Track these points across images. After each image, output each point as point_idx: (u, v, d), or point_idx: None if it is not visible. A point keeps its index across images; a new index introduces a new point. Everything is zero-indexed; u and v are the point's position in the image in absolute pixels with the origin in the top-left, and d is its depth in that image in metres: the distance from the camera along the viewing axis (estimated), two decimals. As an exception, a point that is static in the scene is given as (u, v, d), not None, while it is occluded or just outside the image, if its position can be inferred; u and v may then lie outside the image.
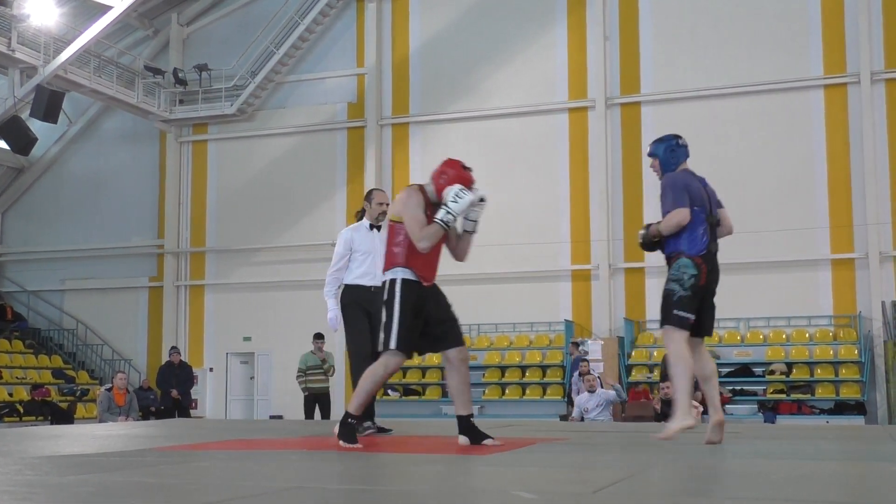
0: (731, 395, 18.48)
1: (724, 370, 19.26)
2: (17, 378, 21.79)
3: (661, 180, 5.99)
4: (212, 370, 23.56)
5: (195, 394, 19.18)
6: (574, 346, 18.40)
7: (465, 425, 5.83)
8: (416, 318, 5.64)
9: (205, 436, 7.17)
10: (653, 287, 20.12)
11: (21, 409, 20.22)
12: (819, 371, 18.83)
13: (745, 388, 19.02)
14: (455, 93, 22.18)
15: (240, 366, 23.73)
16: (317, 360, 15.12)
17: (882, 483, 3.96)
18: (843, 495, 3.63)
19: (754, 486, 3.79)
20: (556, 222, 20.97)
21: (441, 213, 5.57)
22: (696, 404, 13.74)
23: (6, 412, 19.87)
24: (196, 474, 4.25)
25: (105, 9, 20.61)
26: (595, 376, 14.69)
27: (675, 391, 5.84)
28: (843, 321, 19.24)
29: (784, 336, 19.41)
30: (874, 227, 18.79)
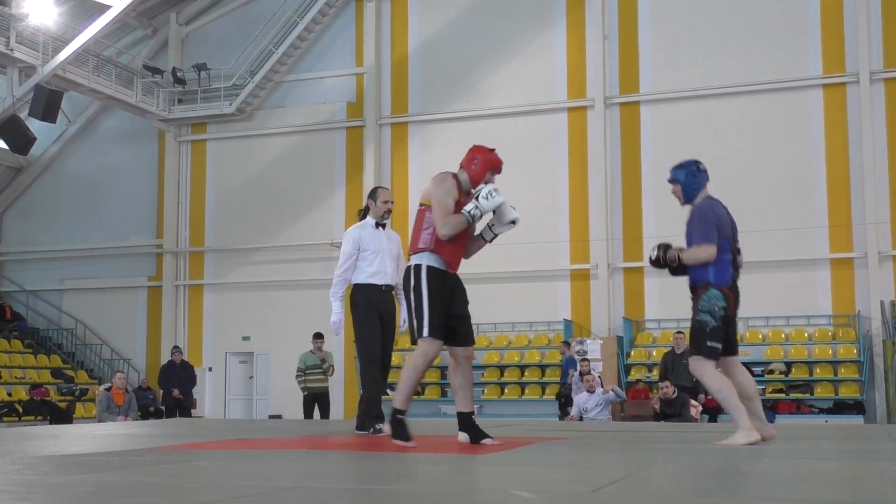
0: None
1: (723, 369, 19.26)
2: (15, 378, 21.78)
3: (693, 207, 6.02)
4: (211, 370, 23.56)
5: (195, 393, 19.17)
6: (566, 346, 18.40)
7: (465, 422, 5.84)
8: (444, 304, 5.63)
9: (204, 435, 7.17)
10: (651, 287, 20.14)
11: (20, 409, 20.21)
12: (818, 370, 18.84)
13: (743, 387, 18.97)
14: (454, 92, 22.18)
15: (239, 365, 23.73)
16: (316, 359, 15.10)
17: (881, 482, 3.96)
18: (842, 494, 3.63)
19: (753, 485, 3.79)
20: (554, 222, 20.97)
21: (469, 206, 5.62)
22: (696, 404, 13.77)
23: (5, 412, 19.86)
24: (195, 474, 4.25)
25: (104, 8, 20.60)
26: (594, 376, 14.69)
27: (730, 412, 5.91)
28: (842, 321, 19.24)
29: (783, 335, 19.41)
30: (873, 227, 18.79)
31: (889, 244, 18.93)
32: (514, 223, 5.82)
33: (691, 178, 6.06)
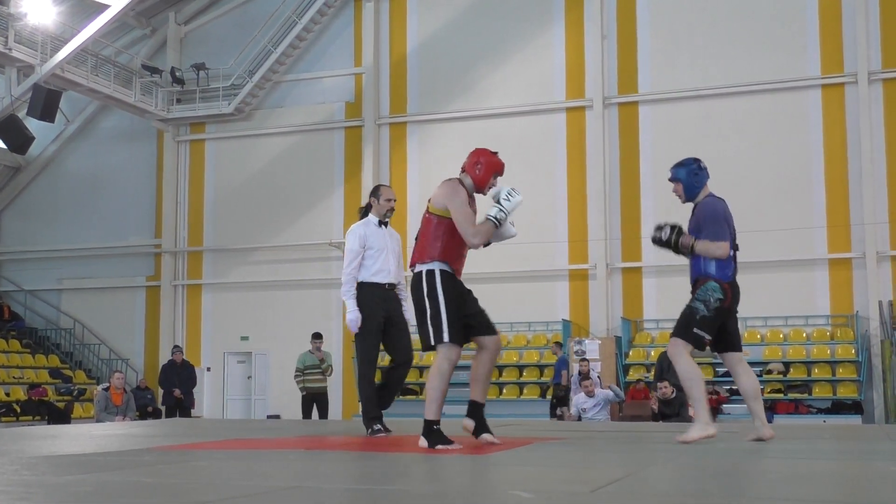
0: (728, 394, 18.49)
1: (722, 369, 19.27)
2: (13, 378, 21.77)
3: (699, 204, 6.04)
4: (209, 370, 23.55)
5: (195, 393, 19.15)
6: (558, 347, 18.40)
7: (475, 412, 5.90)
8: (459, 307, 5.65)
9: (202, 435, 7.16)
10: (650, 287, 20.14)
11: (18, 409, 20.20)
12: (816, 370, 18.85)
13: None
14: (453, 92, 22.18)
15: (237, 365, 23.72)
16: (315, 359, 15.10)
17: (879, 482, 3.96)
18: (841, 494, 3.64)
19: (752, 485, 3.79)
20: (553, 222, 20.98)
21: (494, 211, 5.62)
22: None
23: (3, 412, 19.85)
24: (194, 474, 4.25)
25: (102, 7, 20.58)
26: (592, 381, 14.65)
27: (692, 401, 5.96)
28: (840, 321, 19.26)
29: (781, 335, 19.42)
30: (871, 227, 18.80)
31: (887, 244, 18.94)
32: (511, 237, 5.80)
33: (692, 176, 6.08)
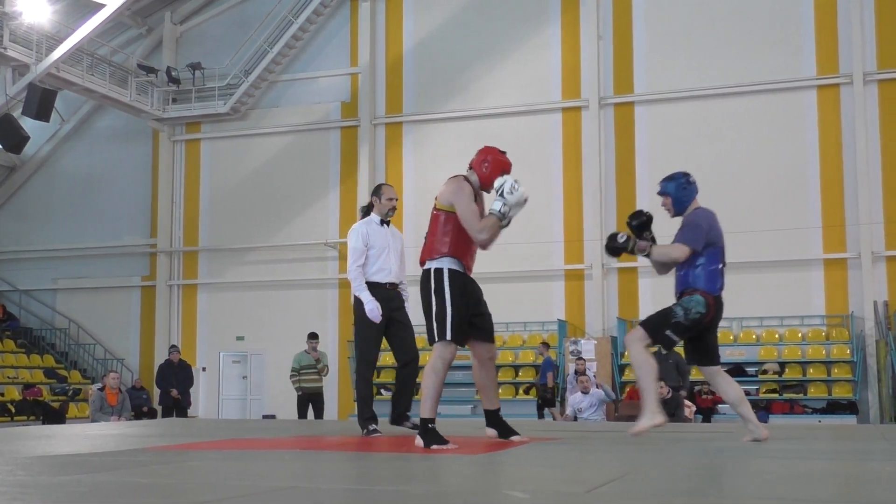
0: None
1: (717, 370, 19.29)
2: (8, 378, 21.72)
3: (687, 215, 6.06)
4: (205, 370, 23.52)
5: (190, 393, 19.15)
6: (544, 347, 18.40)
7: (493, 419, 5.96)
8: (466, 307, 5.68)
9: (198, 435, 7.16)
10: (646, 287, 20.15)
11: (13, 409, 20.16)
12: (811, 371, 18.88)
13: (737, 387, 19.01)
14: (449, 92, 22.18)
15: (233, 365, 23.70)
16: (310, 359, 15.09)
17: (874, 482, 3.97)
18: (836, 494, 3.64)
19: (747, 484, 3.80)
20: (549, 222, 20.98)
21: (497, 205, 5.61)
22: (690, 404, 13.80)
23: (-2, 412, 19.82)
24: (189, 474, 4.24)
25: (98, 7, 20.55)
26: (589, 377, 14.70)
27: (641, 391, 5.97)
28: (835, 321, 19.29)
29: (777, 336, 19.44)
30: (866, 227, 18.83)
31: (882, 245, 18.97)
32: (524, 203, 5.74)
33: (681, 190, 6.07)
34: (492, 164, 5.80)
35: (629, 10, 21.02)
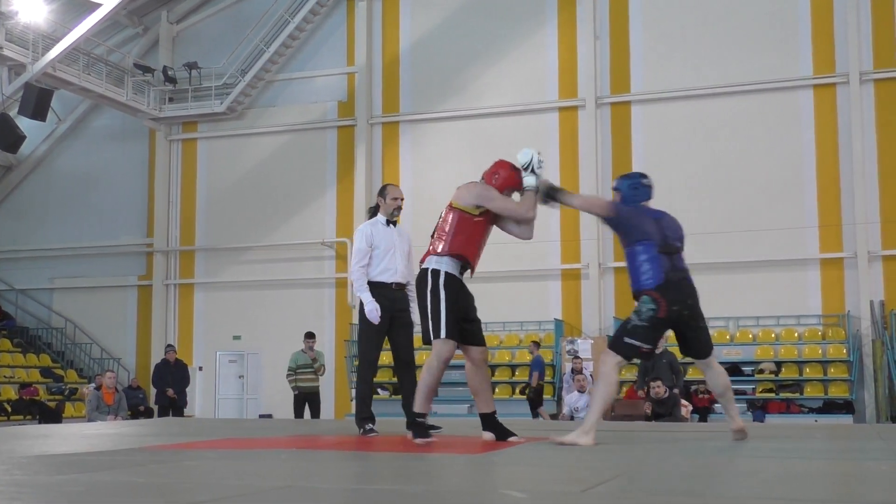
0: (720, 394, 18.52)
1: (714, 369, 19.30)
2: (4, 377, 21.69)
3: None
4: (201, 369, 23.51)
5: (186, 393, 19.13)
6: (535, 346, 18.40)
7: (489, 422, 6.02)
8: (458, 308, 5.84)
9: (194, 435, 7.15)
10: (642, 286, 20.14)
11: (9, 409, 20.14)
12: (808, 370, 18.90)
13: (734, 387, 18.90)
14: (445, 92, 22.18)
15: (229, 365, 23.69)
16: (307, 358, 15.10)
17: (870, 481, 3.97)
18: (832, 493, 3.65)
19: (744, 484, 3.80)
20: (545, 221, 20.91)
21: (531, 180, 5.84)
22: (686, 404, 13.81)
23: (-6, 411, 19.80)
24: (185, 473, 4.24)
25: (94, 6, 20.52)
26: (586, 376, 14.71)
27: (591, 405, 5.87)
28: (831, 320, 19.30)
29: (773, 335, 19.46)
30: (863, 227, 18.85)
31: (878, 244, 18.99)
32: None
33: (632, 189, 5.92)
34: (502, 179, 6.00)
35: (626, 10, 21.03)
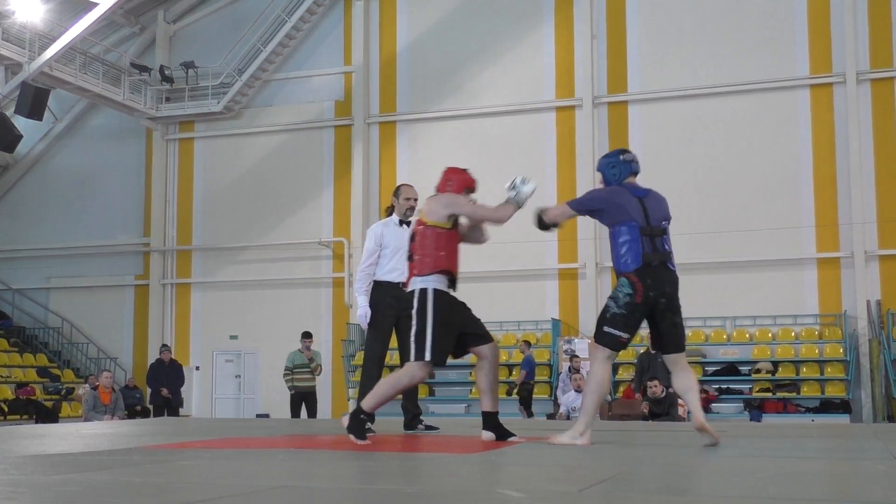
0: (717, 393, 18.55)
1: (711, 369, 19.34)
2: (1, 377, 21.68)
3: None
4: (198, 368, 23.50)
5: (183, 392, 19.10)
6: (526, 345, 18.41)
7: (490, 422, 6.03)
8: (449, 326, 5.76)
9: (191, 434, 7.15)
10: (639, 286, 20.16)
11: (5, 408, 20.12)
12: (805, 370, 18.92)
13: (731, 386, 19.08)
14: (442, 91, 22.18)
15: (226, 364, 23.66)
16: (304, 358, 15.09)
17: (867, 481, 3.98)
18: (829, 493, 3.65)
19: (740, 484, 3.80)
20: (543, 221, 20.96)
21: (511, 193, 5.98)
22: (683, 403, 13.80)
23: (-9, 411, 19.77)
24: (182, 473, 4.23)
25: (91, 5, 20.51)
26: (583, 376, 14.71)
27: (582, 408, 5.77)
28: (828, 320, 19.33)
29: (770, 335, 19.48)
30: (859, 227, 18.87)
31: (875, 244, 19.01)
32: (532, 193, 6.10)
33: (610, 168, 5.85)
34: (455, 183, 6.02)
35: (623, 10, 21.04)
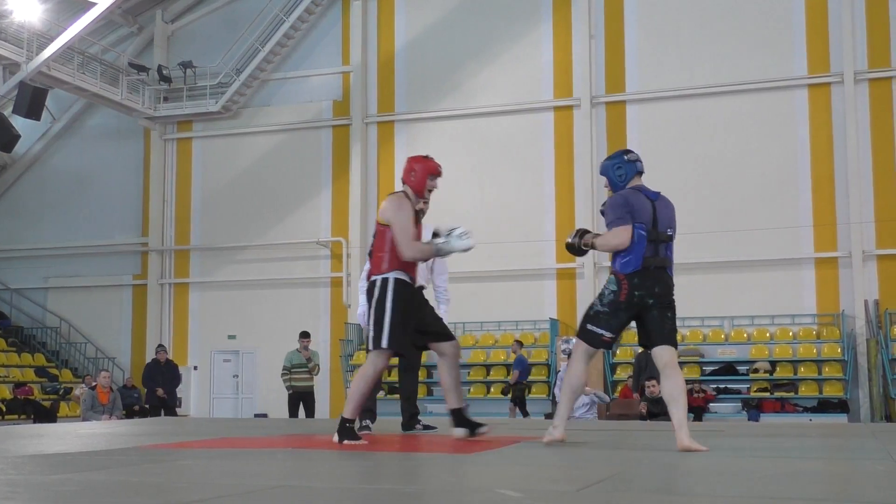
0: (715, 393, 18.56)
1: (709, 368, 19.35)
2: (-1, 376, 21.67)
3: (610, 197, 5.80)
4: (196, 368, 23.49)
5: (179, 392, 19.11)
6: (518, 345, 18.39)
7: (459, 418, 6.06)
8: (407, 316, 5.81)
9: (189, 434, 7.15)
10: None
11: (3, 408, 20.10)
12: (802, 369, 18.93)
13: (728, 386, 19.10)
14: (440, 91, 22.17)
15: (224, 364, 23.65)
16: (302, 358, 15.10)
17: (864, 480, 3.98)
18: (826, 492, 3.65)
19: (738, 483, 3.81)
20: (541, 221, 21.00)
21: (440, 240, 5.82)
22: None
23: (-12, 411, 19.75)
24: (180, 473, 4.24)
25: (89, 5, 20.49)
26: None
27: (558, 403, 5.78)
28: (826, 320, 19.34)
29: (768, 334, 19.49)
30: (857, 226, 18.89)
31: (873, 244, 19.02)
32: (468, 250, 5.99)
33: (615, 170, 5.76)
34: (419, 172, 5.99)
35: (621, 9, 21.04)
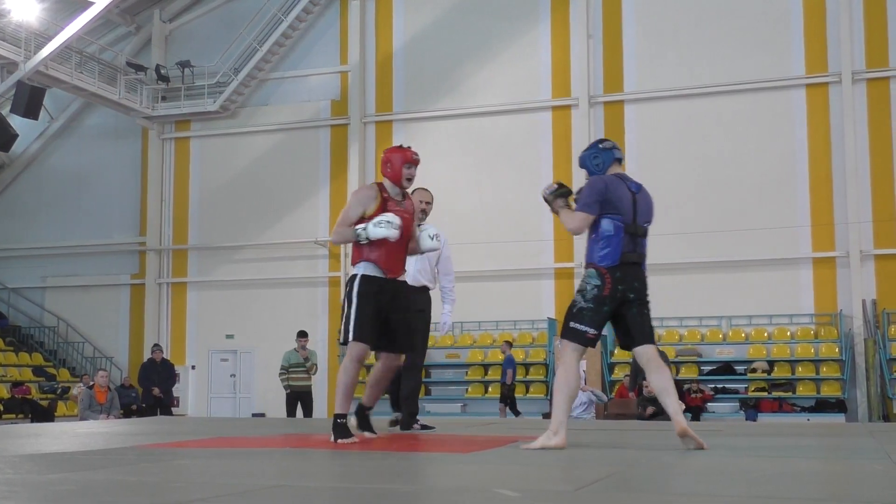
0: (713, 393, 18.57)
1: (706, 368, 19.36)
2: (-3, 376, 21.65)
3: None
4: (194, 368, 23.48)
5: (177, 391, 19.10)
6: (507, 346, 18.41)
7: (360, 412, 6.33)
8: (375, 310, 5.89)
9: (187, 434, 7.14)
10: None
11: (1, 407, 20.08)
12: (800, 369, 18.94)
13: (726, 386, 19.11)
14: (439, 90, 22.17)
15: (222, 363, 23.64)
16: (299, 357, 15.09)
17: (862, 480, 3.99)
18: (824, 492, 3.65)
19: (736, 483, 3.81)
20: (539, 220, 20.97)
21: (359, 227, 5.85)
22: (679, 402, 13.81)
23: (-14, 410, 19.73)
24: (178, 472, 4.23)
25: (87, 4, 20.48)
26: (580, 374, 14.73)
27: (553, 407, 5.51)
28: (824, 319, 19.35)
29: (766, 334, 19.50)
30: (855, 226, 18.90)
31: (871, 243, 19.04)
32: (433, 239, 6.19)
33: (592, 160, 5.71)
34: (394, 162, 6.08)
35: (619, 9, 21.05)
